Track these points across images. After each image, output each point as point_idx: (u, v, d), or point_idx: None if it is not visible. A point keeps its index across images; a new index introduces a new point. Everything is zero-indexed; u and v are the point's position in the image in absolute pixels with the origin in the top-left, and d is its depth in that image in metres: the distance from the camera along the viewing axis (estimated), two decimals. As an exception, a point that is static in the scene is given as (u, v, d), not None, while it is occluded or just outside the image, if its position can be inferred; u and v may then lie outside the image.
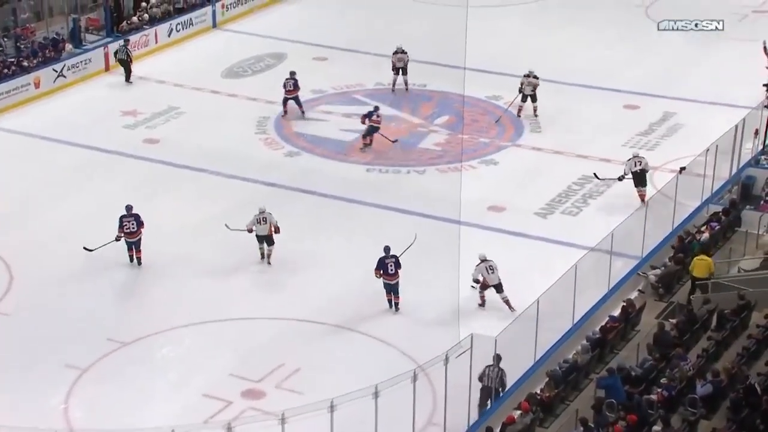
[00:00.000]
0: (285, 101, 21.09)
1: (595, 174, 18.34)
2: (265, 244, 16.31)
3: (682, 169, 17.11)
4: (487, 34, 25.05)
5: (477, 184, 18.25)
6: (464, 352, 12.00)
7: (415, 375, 11.65)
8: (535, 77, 20.79)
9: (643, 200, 17.47)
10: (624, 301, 14.19)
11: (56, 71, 22.42)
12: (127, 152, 19.49)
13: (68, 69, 22.61)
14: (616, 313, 14.04)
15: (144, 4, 25.18)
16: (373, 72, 23.14)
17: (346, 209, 17.69)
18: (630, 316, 13.93)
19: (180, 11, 25.54)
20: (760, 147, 17.79)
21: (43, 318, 14.81)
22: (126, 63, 22.90)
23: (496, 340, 12.40)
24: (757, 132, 17.70)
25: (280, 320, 14.83)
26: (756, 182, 17.04)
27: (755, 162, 17.43)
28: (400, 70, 22.21)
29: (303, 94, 21.86)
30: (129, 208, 16.22)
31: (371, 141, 19.83)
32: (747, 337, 13.33)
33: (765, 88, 17.23)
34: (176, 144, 19.96)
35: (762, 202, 16.60)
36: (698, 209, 16.74)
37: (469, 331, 12.43)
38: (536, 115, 20.81)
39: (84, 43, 24.07)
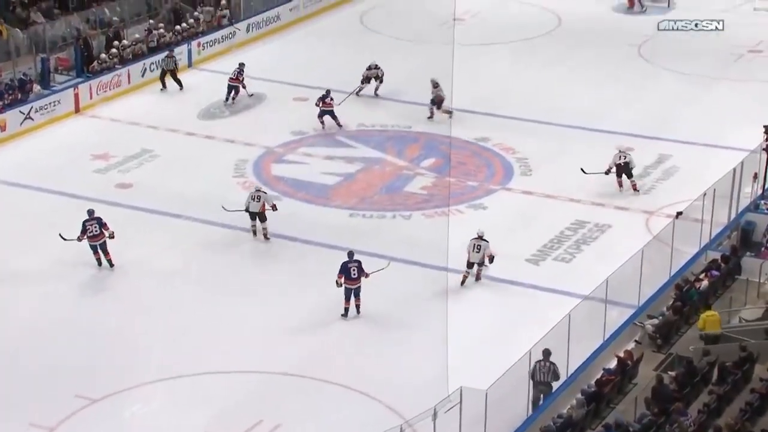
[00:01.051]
0: (321, 114, 22.32)
1: (582, 169, 19.71)
2: (257, 221, 18.08)
3: (679, 213, 17.25)
4: (474, 74, 25.38)
5: (465, 230, 18.30)
6: (453, 406, 11.96)
7: (402, 431, 11.59)
8: None
9: (635, 188, 19.61)
10: (620, 353, 14.19)
11: (23, 113, 22.46)
12: (98, 198, 19.46)
13: (36, 111, 22.64)
14: (612, 365, 14.04)
15: (116, 42, 25.37)
16: (356, 112, 23.34)
17: (329, 256, 17.70)
18: (627, 368, 13.93)
19: (154, 50, 25.72)
20: (760, 191, 17.92)
21: (6, 372, 14.64)
22: (175, 73, 24.32)
23: (486, 394, 12.37)
24: (756, 176, 17.83)
25: (259, 374, 14.75)
26: (756, 228, 17.12)
27: (755, 207, 17.54)
28: (371, 80, 23.75)
29: (282, 136, 22.03)
30: (90, 212, 17.17)
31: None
32: (750, 392, 13.32)
33: (764, 130, 17.41)
34: (150, 189, 19.98)
35: (763, 249, 16.67)
36: (696, 256, 16.84)
37: (458, 384, 12.40)
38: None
39: (53, 84, 24.16)
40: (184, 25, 26.84)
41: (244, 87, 23.99)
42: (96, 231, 16.86)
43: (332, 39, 28.11)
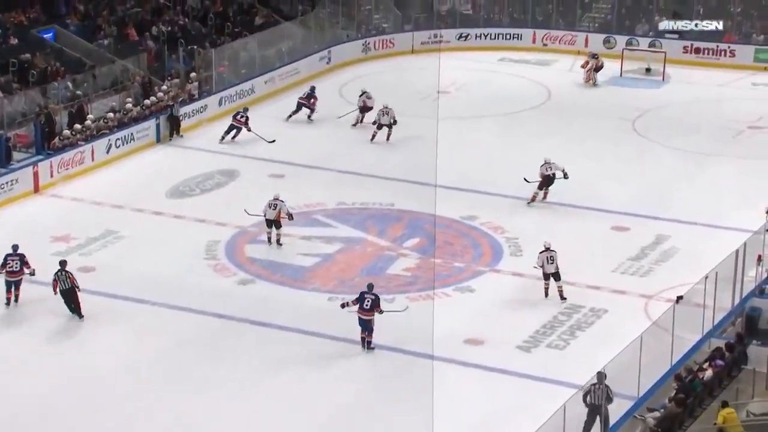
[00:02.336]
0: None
1: (525, 179, 22.60)
2: (273, 228, 20.62)
3: (679, 298, 17.27)
4: (460, 149, 25.72)
5: (452, 314, 18.29)
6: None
7: None
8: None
9: (545, 197, 22.73)
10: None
11: (-21, 192, 22.50)
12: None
13: (-7, 190, 22.66)
14: (612, 461, 13.92)
15: (86, 120, 25.45)
16: (335, 190, 23.49)
17: (306, 343, 17.60)
18: (627, 465, 13.80)
19: (120, 125, 25.89)
20: (765, 275, 17.98)
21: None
22: (177, 119, 26.21)
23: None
24: (760, 258, 17.90)
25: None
26: (762, 314, 17.01)
27: (760, 292, 17.52)
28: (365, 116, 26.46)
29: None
30: (15, 247, 18.21)
31: (233, 138, 26.02)
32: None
33: (766, 210, 17.61)
34: (114, 272, 19.88)
35: (770, 336, 16.67)
36: (699, 344, 16.81)
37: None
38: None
39: (11, 162, 24.19)
40: (153, 98, 27.13)
41: (249, 130, 26.19)
42: (16, 268, 17.79)
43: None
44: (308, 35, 32.68)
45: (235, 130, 26.45)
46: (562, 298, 18.85)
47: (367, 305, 17.14)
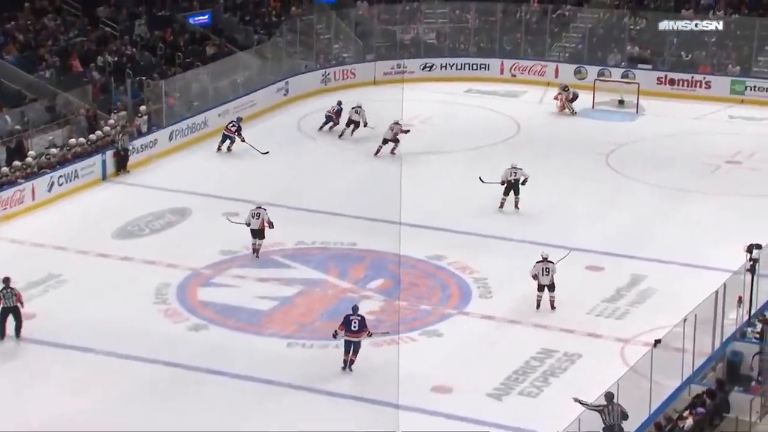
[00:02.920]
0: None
1: (480, 178, 24.26)
2: (256, 239, 21.73)
3: (657, 342, 17.38)
4: (425, 185, 25.90)
5: (418, 360, 18.30)
6: None
7: None
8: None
9: (516, 206, 24.45)
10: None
11: None
12: (-6, 328, 19.09)
13: (-77, 231, 22.48)
14: None
15: (27, 158, 25.30)
16: (294, 229, 23.50)
17: (264, 392, 17.51)
18: None
19: (63, 162, 25.73)
20: (746, 317, 18.08)
21: None
22: (125, 155, 26.48)
23: None
24: (741, 300, 18.04)
25: None
26: (743, 359, 17.12)
27: (741, 335, 17.60)
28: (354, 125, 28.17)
29: (210, 256, 22.06)
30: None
31: (228, 149, 27.61)
32: None
33: (746, 249, 17.84)
34: (57, 319, 19.67)
35: (753, 383, 16.68)
36: (678, 390, 16.89)
37: None
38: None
39: (-57, 202, 23.98)
40: (98, 133, 27.03)
41: (243, 141, 27.70)
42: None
43: (267, 147, 28.53)
44: (264, 65, 32.87)
45: (228, 140, 27.93)
46: (553, 307, 20.02)
47: (354, 327, 17.81)
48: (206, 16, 34.43)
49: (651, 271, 21.64)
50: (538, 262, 20.12)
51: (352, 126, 29.34)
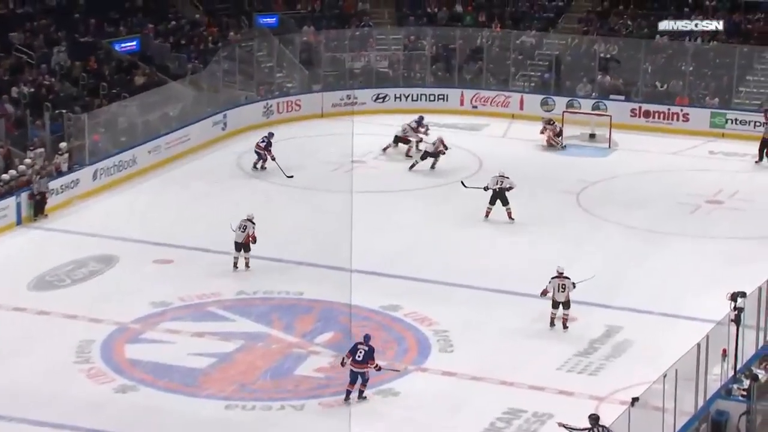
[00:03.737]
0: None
1: (462, 182, 26.66)
2: (242, 251, 23.24)
3: (635, 400, 17.44)
4: (379, 228, 26.00)
5: (372, 423, 18.23)
6: None
7: None
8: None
9: (510, 217, 26.38)
10: None
11: None
12: None
13: None
14: None
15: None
16: (233, 278, 23.41)
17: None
18: None
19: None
20: (731, 373, 18.16)
21: None
22: (42, 197, 26.45)
23: None
24: (725, 353, 18.14)
25: None
26: (729, 419, 17.19)
27: (726, 392, 17.66)
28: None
29: (139, 309, 21.90)
30: None
31: (262, 167, 29.56)
32: None
33: (729, 298, 18.00)
34: (-35, 380, 19.39)
35: (741, 446, 16.84)
36: (659, 453, 17.02)
37: None
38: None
39: None
40: (13, 172, 26.79)
41: (273, 159, 29.21)
42: None
43: (203, 186, 28.47)
44: (200, 97, 32.92)
45: (260, 159, 29.63)
46: (565, 327, 21.33)
47: (359, 357, 18.39)
48: (134, 43, 34.35)
49: (627, 321, 21.79)
50: (553, 278, 21.24)
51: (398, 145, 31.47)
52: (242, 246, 23.37)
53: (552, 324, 21.40)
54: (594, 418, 16.57)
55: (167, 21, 36.52)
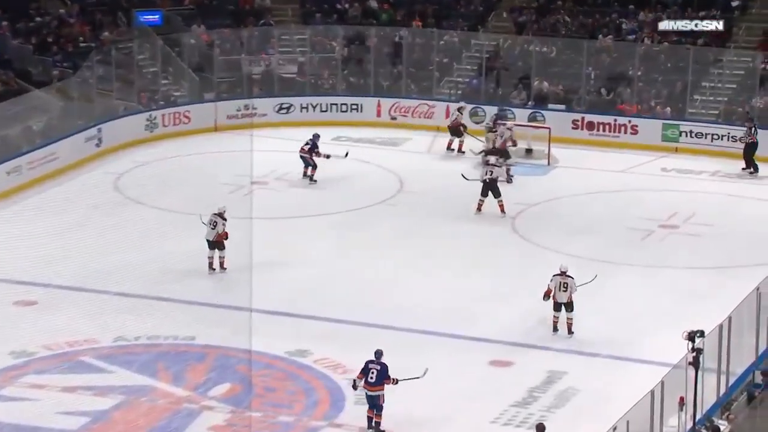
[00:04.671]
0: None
1: (463, 175, 29.08)
2: (216, 251, 24.55)
3: (582, 456, 17.61)
4: (282, 259, 25.93)
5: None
6: None
7: None
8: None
9: (502, 210, 28.51)
10: None
11: None
12: None
13: None
14: None
15: None
16: (111, 321, 23.11)
17: None
18: None
19: None
20: (690, 424, 18.26)
21: None
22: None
23: None
24: (683, 402, 18.27)
25: None
26: (691, 478, 17.60)
27: (685, 447, 18.07)
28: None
29: (0, 359, 21.53)
30: None
31: (311, 178, 30.90)
32: None
33: (686, 337, 18.17)
34: None
35: None
36: None
37: None
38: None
39: None
40: None
41: (326, 157, 30.65)
42: None
43: (74, 214, 28.11)
44: (69, 107, 32.59)
45: (308, 166, 31.00)
46: (570, 332, 22.58)
47: (372, 378, 18.94)
48: (-13, 44, 33.98)
49: (571, 366, 21.90)
50: (555, 275, 22.54)
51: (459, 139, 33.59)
52: (215, 244, 24.65)
53: (555, 329, 22.62)
54: (540, 428, 17.74)
55: (28, 18, 36.02)
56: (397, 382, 19.15)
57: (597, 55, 36.75)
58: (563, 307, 22.60)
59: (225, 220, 24.71)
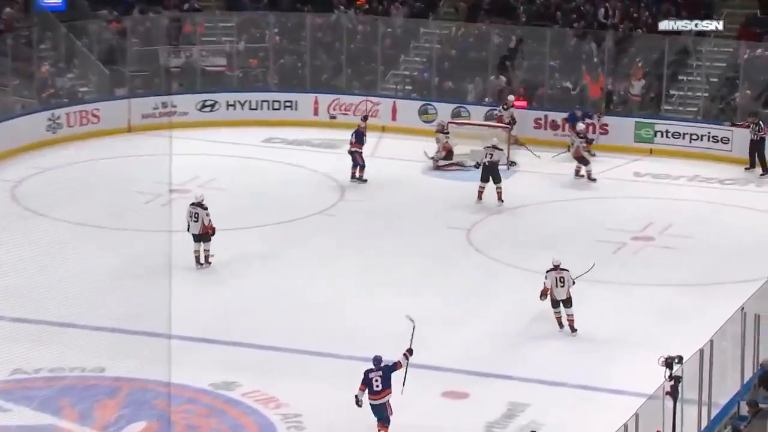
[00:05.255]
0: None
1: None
2: (201, 243, 25.95)
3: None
4: (206, 279, 26.06)
5: None
6: None
7: None
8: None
9: (500, 198, 30.29)
10: None
11: None
12: None
13: None
14: None
15: None
16: (8, 351, 22.88)
17: None
18: None
19: None
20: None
21: None
22: None
23: None
24: (660, 436, 18.61)
25: None
26: None
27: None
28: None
29: None
30: None
31: (361, 177, 31.88)
32: None
33: (663, 364, 18.26)
34: None
35: None
36: None
37: None
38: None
39: None
40: None
41: (362, 162, 31.83)
42: None
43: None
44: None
45: (356, 166, 31.94)
46: (573, 329, 23.57)
47: (377, 386, 19.66)
48: None
49: (534, 396, 21.92)
50: (549, 271, 23.38)
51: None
52: (201, 237, 25.99)
53: (561, 325, 23.67)
54: None
55: None
56: (411, 352, 20.35)
57: (561, 46, 36.90)
58: (561, 303, 23.49)
59: (205, 209, 26.02)
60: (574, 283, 23.47)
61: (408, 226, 29.03)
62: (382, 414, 19.67)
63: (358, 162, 31.80)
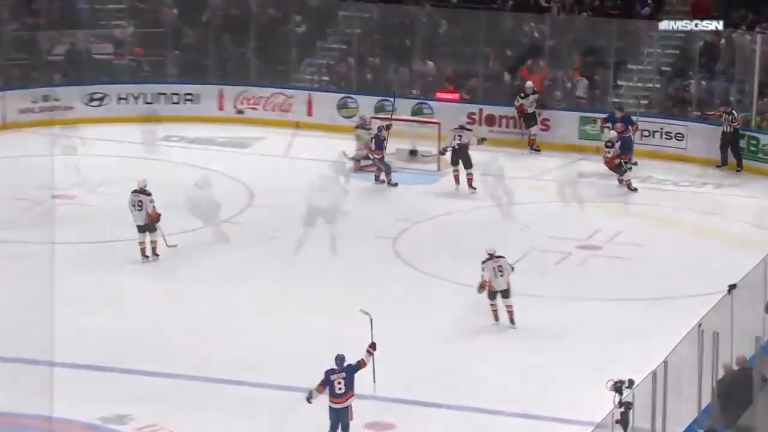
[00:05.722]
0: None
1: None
2: (147, 234, 26.76)
3: None
4: (91, 298, 25.76)
5: None
6: None
7: None
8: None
9: (470, 184, 31.48)
10: None
11: None
12: None
13: None
14: None
15: None
16: None
17: None
18: None
19: None
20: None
21: None
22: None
23: None
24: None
25: None
26: None
27: None
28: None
29: None
30: None
31: (391, 182, 32.47)
32: None
33: (612, 388, 18.28)
34: None
35: None
36: None
37: None
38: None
39: None
40: None
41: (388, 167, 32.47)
42: None
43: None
44: None
45: (380, 170, 32.46)
46: (512, 322, 24.29)
47: (340, 389, 19.95)
48: None
49: (468, 426, 21.98)
50: (486, 261, 24.10)
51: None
52: (145, 227, 26.80)
53: (496, 318, 24.38)
54: None
55: None
56: (375, 346, 20.74)
57: (495, 31, 36.92)
58: (499, 295, 24.09)
59: (149, 194, 26.78)
60: (513, 269, 24.20)
61: (326, 236, 28.84)
62: (344, 419, 19.98)
63: (382, 167, 32.42)
